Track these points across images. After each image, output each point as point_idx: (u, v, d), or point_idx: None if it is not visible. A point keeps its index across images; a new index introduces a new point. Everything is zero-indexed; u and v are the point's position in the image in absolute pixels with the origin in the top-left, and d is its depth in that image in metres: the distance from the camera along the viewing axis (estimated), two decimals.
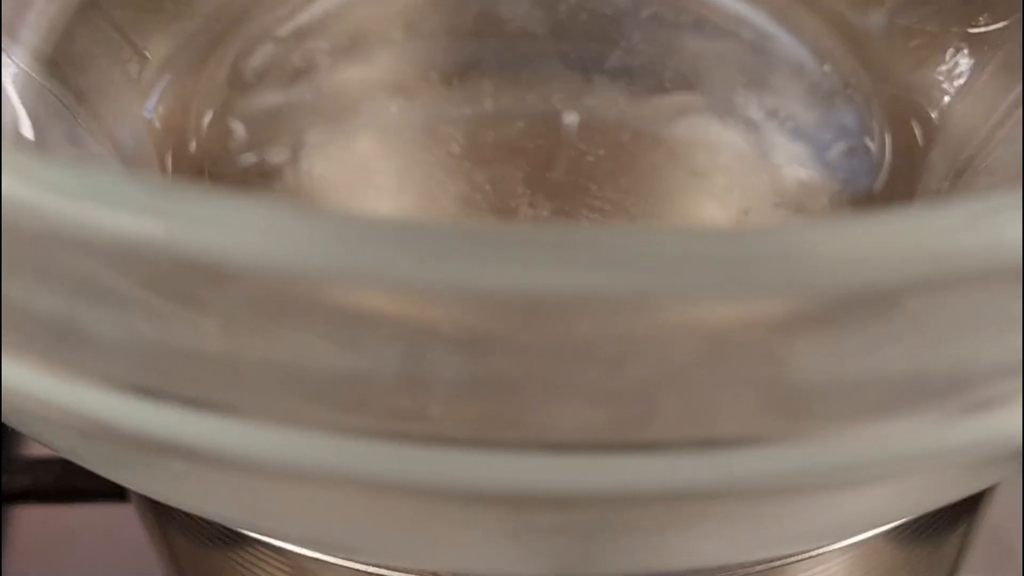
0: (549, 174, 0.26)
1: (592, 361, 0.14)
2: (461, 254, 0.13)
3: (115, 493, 0.31)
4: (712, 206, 0.26)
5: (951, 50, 0.27)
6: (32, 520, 0.35)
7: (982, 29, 0.27)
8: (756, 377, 0.15)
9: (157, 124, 0.26)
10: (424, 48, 0.28)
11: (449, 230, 0.13)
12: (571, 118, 0.27)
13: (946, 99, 0.26)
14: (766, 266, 0.13)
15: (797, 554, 0.24)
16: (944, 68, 0.27)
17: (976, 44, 0.26)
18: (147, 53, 0.27)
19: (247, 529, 0.24)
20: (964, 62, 0.27)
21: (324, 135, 0.26)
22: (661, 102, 0.27)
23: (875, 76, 0.27)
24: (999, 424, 0.15)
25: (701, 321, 0.14)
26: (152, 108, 0.26)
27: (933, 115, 0.26)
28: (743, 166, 0.26)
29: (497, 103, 0.27)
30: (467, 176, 0.26)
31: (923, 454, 0.15)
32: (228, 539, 0.26)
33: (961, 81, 0.26)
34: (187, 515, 0.26)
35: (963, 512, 0.26)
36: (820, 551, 0.24)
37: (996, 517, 0.30)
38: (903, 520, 0.24)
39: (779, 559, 0.23)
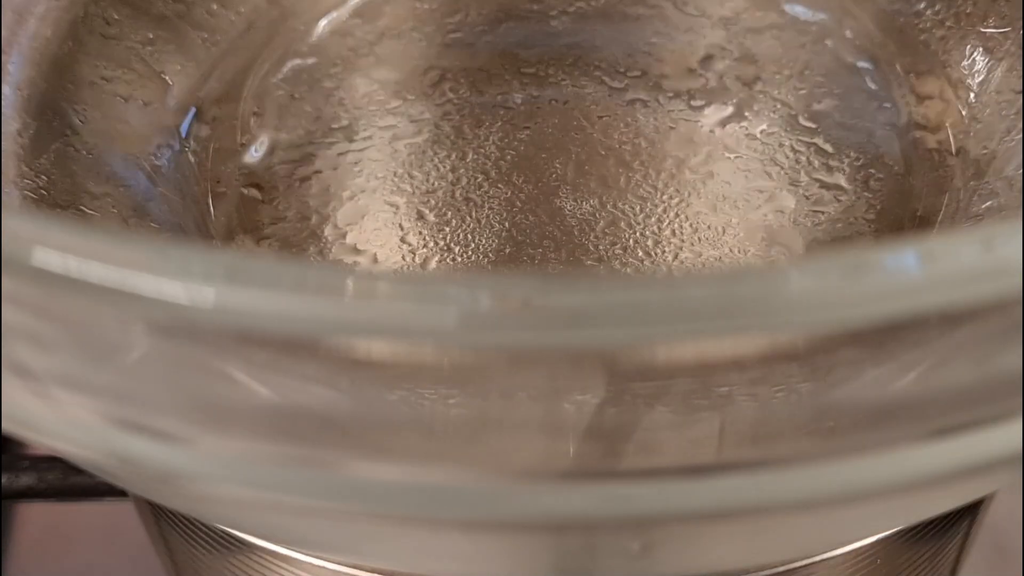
0: (591, 167, 0.26)
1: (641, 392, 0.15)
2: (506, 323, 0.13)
3: (117, 491, 0.31)
4: (750, 195, 0.26)
5: (968, 46, 0.27)
6: (35, 517, 0.35)
7: (992, 30, 0.27)
8: (793, 402, 0.15)
9: (193, 144, 0.26)
10: (443, 47, 0.28)
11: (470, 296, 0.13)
12: (604, 110, 0.27)
13: (972, 96, 0.26)
14: (783, 307, 0.13)
15: (802, 558, 0.24)
16: (966, 63, 0.27)
17: (989, 43, 0.27)
18: (167, 78, 0.27)
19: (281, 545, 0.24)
20: (980, 60, 0.27)
21: (361, 141, 0.27)
22: (699, 92, 0.27)
23: (907, 65, 0.27)
24: None
25: (741, 352, 0.14)
26: (187, 129, 0.27)
27: (963, 112, 0.26)
28: (777, 154, 0.26)
29: (526, 98, 0.27)
30: (507, 178, 0.26)
31: (960, 466, 0.16)
32: (222, 540, 0.26)
33: (980, 78, 0.26)
34: (185, 517, 0.26)
35: (963, 514, 0.26)
36: (825, 555, 0.24)
37: (996, 519, 0.30)
38: None
39: (784, 563, 0.24)
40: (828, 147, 0.26)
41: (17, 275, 0.13)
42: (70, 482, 0.33)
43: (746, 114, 0.27)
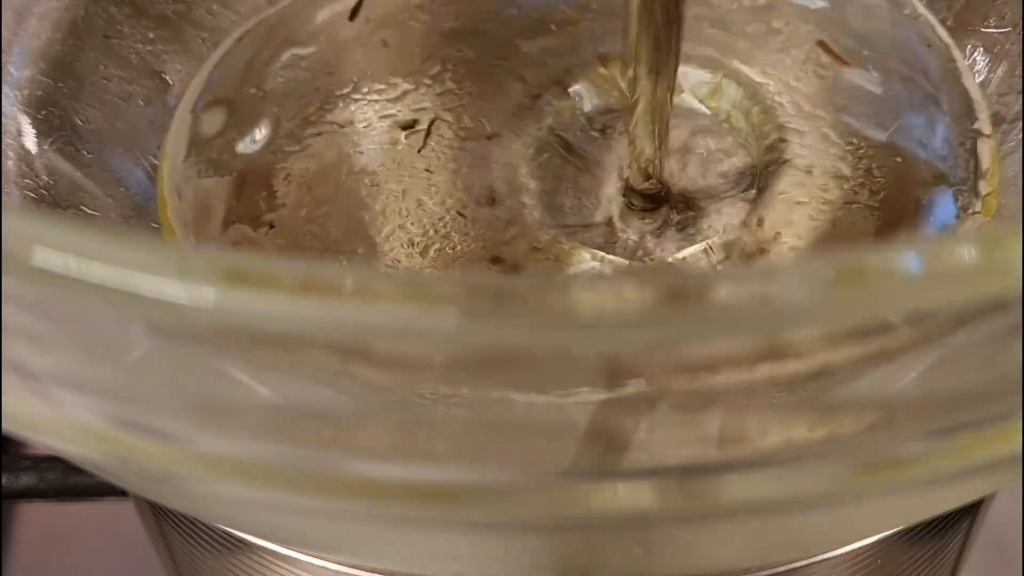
0: (593, 155, 0.26)
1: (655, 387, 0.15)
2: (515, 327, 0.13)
3: (117, 491, 0.31)
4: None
5: (968, 46, 0.27)
6: (35, 517, 0.35)
7: (992, 30, 0.27)
8: (793, 402, 0.15)
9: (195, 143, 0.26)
10: (443, 36, 0.28)
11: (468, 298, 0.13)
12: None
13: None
14: (785, 310, 0.13)
15: (802, 558, 0.24)
16: (966, 63, 0.27)
17: (989, 43, 0.27)
18: (167, 78, 0.27)
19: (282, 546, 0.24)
20: (980, 60, 0.27)
21: (360, 131, 0.27)
22: (702, 81, 0.27)
23: None
24: None
25: (741, 352, 0.14)
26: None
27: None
28: (780, 142, 0.26)
29: (527, 87, 0.27)
30: (508, 167, 0.26)
31: (960, 466, 0.16)
32: (222, 540, 0.26)
33: (980, 78, 0.27)
34: (185, 517, 0.26)
35: (963, 514, 0.27)
36: (825, 555, 0.24)
37: (996, 518, 0.30)
38: None
39: (784, 563, 0.24)
40: (832, 135, 0.26)
41: (17, 275, 0.13)
42: (70, 482, 0.33)
43: (748, 102, 0.27)
